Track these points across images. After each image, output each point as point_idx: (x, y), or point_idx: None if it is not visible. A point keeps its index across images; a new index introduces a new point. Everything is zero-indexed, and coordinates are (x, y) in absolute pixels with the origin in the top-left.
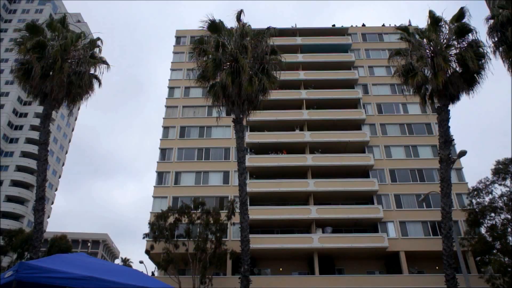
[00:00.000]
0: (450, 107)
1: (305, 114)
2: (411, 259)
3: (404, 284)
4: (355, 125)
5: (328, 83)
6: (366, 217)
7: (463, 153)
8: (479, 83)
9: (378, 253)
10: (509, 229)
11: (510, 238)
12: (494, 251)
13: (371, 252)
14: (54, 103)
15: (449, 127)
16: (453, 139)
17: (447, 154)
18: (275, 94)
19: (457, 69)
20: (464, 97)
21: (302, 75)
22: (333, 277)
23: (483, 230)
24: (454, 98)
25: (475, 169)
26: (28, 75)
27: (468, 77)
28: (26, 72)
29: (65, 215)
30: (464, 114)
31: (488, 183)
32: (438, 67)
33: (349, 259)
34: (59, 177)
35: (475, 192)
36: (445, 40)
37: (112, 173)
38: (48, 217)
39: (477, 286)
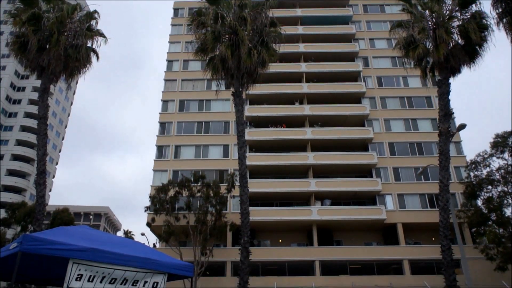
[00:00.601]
0: (451, 80)
1: (304, 88)
2: (408, 231)
3: (400, 254)
4: (355, 98)
5: (328, 56)
6: (365, 190)
7: (462, 126)
8: (480, 55)
9: (376, 225)
10: (505, 201)
11: (505, 210)
12: (490, 223)
13: (369, 224)
14: (51, 76)
15: (449, 100)
16: (453, 113)
17: (447, 128)
18: (275, 67)
19: (459, 41)
20: (465, 70)
21: (302, 47)
22: (331, 248)
23: (479, 202)
24: (455, 71)
25: (474, 142)
26: (24, 48)
27: (470, 49)
28: (22, 45)
29: (66, 189)
30: (464, 87)
31: (486, 156)
32: (440, 39)
33: (347, 231)
34: (59, 151)
35: (473, 165)
36: (448, 12)
37: (112, 148)
38: (50, 190)
39: (471, 256)
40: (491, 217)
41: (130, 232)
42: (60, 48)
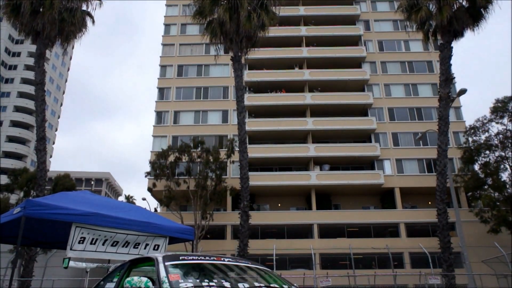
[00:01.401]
0: (453, 44)
1: (304, 52)
2: (405, 195)
3: (397, 218)
4: (356, 63)
5: (328, 19)
6: (364, 155)
7: (463, 91)
8: (485, 18)
9: (374, 189)
10: (502, 166)
11: (502, 175)
12: (486, 187)
13: (367, 189)
14: (47, 41)
15: (450, 65)
16: (454, 77)
17: (447, 93)
18: (274, 31)
19: (463, 3)
20: (468, 34)
21: (302, 10)
22: (330, 212)
23: (476, 167)
24: (458, 34)
25: (474, 108)
26: (17, 11)
27: (474, 12)
28: (15, 8)
29: (67, 155)
30: (466, 52)
31: (485, 121)
32: (444, 1)
33: (345, 195)
34: (58, 117)
35: (472, 131)
36: None
37: (111, 114)
38: (51, 156)
39: (466, 219)
40: (487, 182)
41: (131, 197)
42: (54, 11)
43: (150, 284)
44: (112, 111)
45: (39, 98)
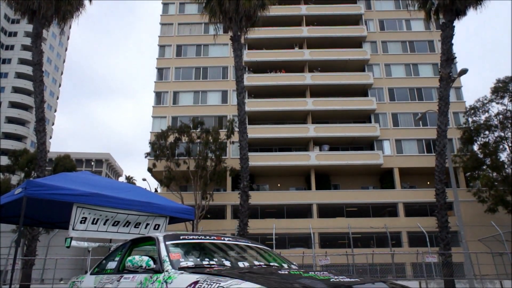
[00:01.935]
0: (456, 23)
1: (304, 31)
2: (404, 175)
3: (396, 198)
4: (356, 42)
5: None
6: (363, 136)
7: (464, 71)
8: None
9: (373, 169)
10: (501, 146)
11: (500, 155)
12: (484, 167)
13: (366, 169)
14: (43, 21)
15: (452, 44)
16: (455, 57)
17: (448, 73)
18: (274, 10)
19: None
20: (470, 12)
21: None
22: (329, 192)
23: (475, 147)
24: (461, 13)
25: (475, 88)
26: None
27: None
28: None
29: (67, 136)
30: (468, 32)
31: (485, 101)
32: None
33: (344, 175)
34: (57, 98)
35: (472, 111)
36: None
37: (110, 95)
38: (50, 137)
39: (464, 199)
40: (486, 162)
41: (131, 177)
42: None
43: (151, 262)
44: (111, 92)
45: (37, 78)
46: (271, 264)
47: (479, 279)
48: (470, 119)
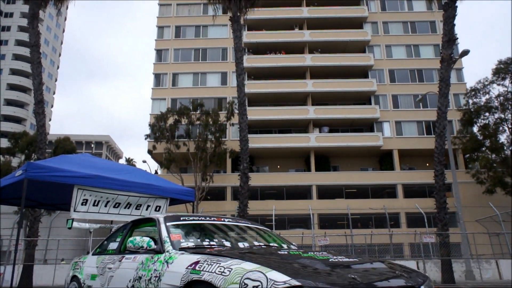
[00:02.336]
0: (458, 3)
1: (305, 12)
2: (403, 157)
3: (395, 179)
4: (357, 23)
5: None
6: (363, 117)
7: (465, 52)
8: None
9: (372, 151)
10: (501, 128)
11: (500, 137)
12: (483, 149)
13: (366, 151)
14: (40, 1)
15: (454, 25)
16: (457, 38)
17: (449, 54)
18: None
19: None
20: None
21: None
22: (328, 173)
23: (475, 129)
24: None
25: (476, 69)
26: None
27: None
28: None
29: (66, 119)
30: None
31: (486, 83)
32: None
33: (344, 157)
34: (55, 80)
35: (473, 93)
36: None
37: (109, 77)
38: (50, 120)
39: (462, 180)
40: (485, 144)
41: (131, 159)
42: None
43: (152, 243)
44: (109, 74)
45: (35, 60)
46: (271, 244)
47: (476, 259)
48: (470, 101)
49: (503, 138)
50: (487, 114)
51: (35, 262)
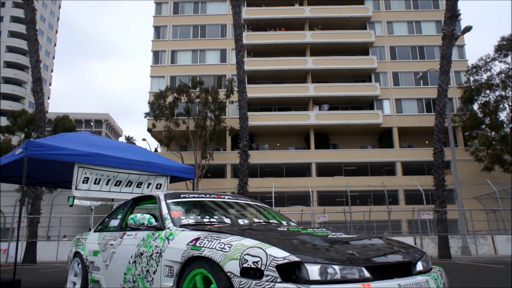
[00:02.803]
0: None
1: None
2: (403, 135)
3: (394, 157)
4: None
5: None
6: (363, 95)
7: (468, 28)
8: None
9: (372, 129)
10: (501, 106)
11: (500, 114)
12: (483, 127)
13: (365, 128)
14: None
15: (457, 0)
16: (460, 14)
17: (452, 30)
18: None
19: None
20: None
21: None
22: (328, 151)
23: (475, 107)
24: None
25: (478, 46)
26: None
27: None
28: None
29: (65, 97)
30: None
31: (488, 60)
32: None
33: (343, 135)
34: (53, 58)
35: (474, 70)
36: None
37: (106, 55)
38: (48, 98)
39: (461, 158)
40: (485, 121)
41: (131, 137)
42: None
43: (153, 220)
44: (107, 52)
45: (31, 37)
46: (271, 221)
47: (472, 235)
48: (471, 78)
49: (503, 115)
50: (487, 91)
51: (38, 239)
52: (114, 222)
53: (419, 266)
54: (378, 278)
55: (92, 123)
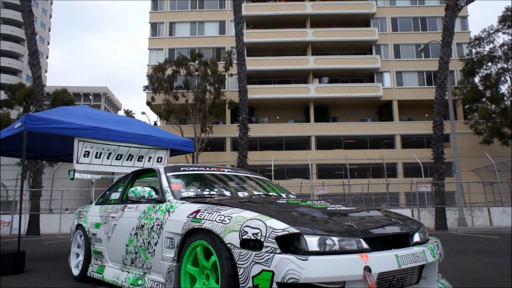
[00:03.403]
0: None
1: None
2: (403, 108)
3: (393, 130)
4: None
5: None
6: (363, 67)
7: None
8: None
9: (372, 102)
10: (503, 78)
11: (501, 87)
12: (483, 99)
13: (365, 101)
14: None
15: None
16: None
17: (455, 1)
18: None
19: None
20: None
21: None
22: (327, 124)
23: (477, 79)
24: None
25: (482, 18)
26: None
27: None
28: None
29: (62, 71)
30: None
31: (492, 31)
32: None
33: (343, 108)
34: (49, 30)
35: (477, 42)
36: None
37: (103, 27)
38: (46, 71)
39: (461, 131)
40: (485, 94)
41: (130, 111)
42: None
43: (153, 193)
44: (104, 24)
45: (25, 8)
46: (270, 194)
47: (469, 207)
48: (473, 50)
49: (504, 88)
50: (489, 64)
51: (40, 212)
52: (115, 195)
53: (416, 237)
54: (376, 249)
55: (90, 97)
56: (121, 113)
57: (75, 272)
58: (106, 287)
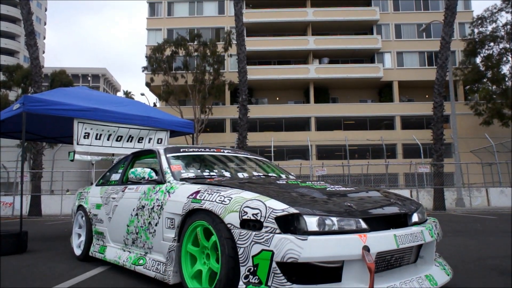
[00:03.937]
0: None
1: None
2: (403, 88)
3: (393, 111)
4: None
5: None
6: (364, 48)
7: None
8: None
9: (372, 83)
10: (505, 59)
11: (503, 68)
12: (484, 80)
13: (366, 82)
14: None
15: None
16: None
17: None
18: None
19: None
20: None
21: None
22: (327, 105)
23: (478, 60)
24: None
25: None
26: None
27: None
28: None
29: (60, 52)
30: None
31: (495, 10)
32: None
33: (343, 89)
34: (45, 10)
35: (479, 21)
36: None
37: (101, 6)
38: (43, 52)
39: (461, 112)
40: (487, 75)
41: (129, 92)
42: None
43: (153, 174)
44: (101, 4)
45: None
46: (270, 174)
47: (467, 188)
48: (476, 30)
49: (505, 69)
50: (492, 44)
51: (42, 193)
52: (115, 176)
53: (415, 218)
54: (374, 229)
55: (89, 78)
56: (120, 94)
57: (77, 252)
58: (108, 266)
